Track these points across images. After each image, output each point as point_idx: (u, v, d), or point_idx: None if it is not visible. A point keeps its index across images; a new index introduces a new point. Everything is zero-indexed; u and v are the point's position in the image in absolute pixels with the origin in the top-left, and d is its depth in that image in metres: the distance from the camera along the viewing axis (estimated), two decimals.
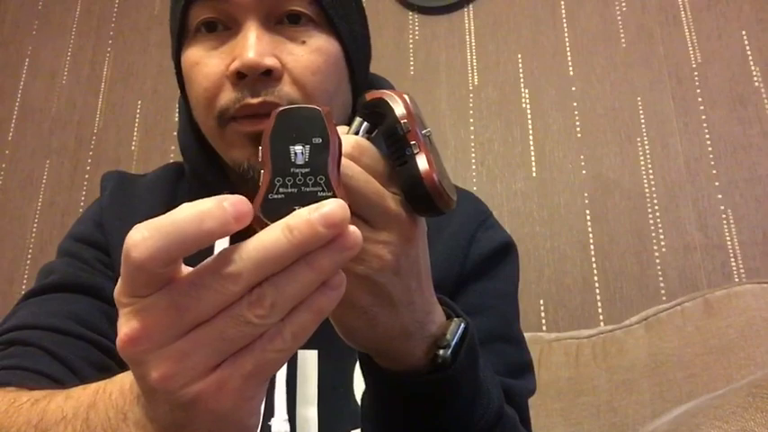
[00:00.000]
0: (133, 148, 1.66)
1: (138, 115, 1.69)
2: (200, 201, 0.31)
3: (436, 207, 0.39)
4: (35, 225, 1.65)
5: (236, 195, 0.31)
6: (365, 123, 0.42)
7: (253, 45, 0.57)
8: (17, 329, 0.60)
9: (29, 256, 1.62)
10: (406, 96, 0.41)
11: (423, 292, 0.43)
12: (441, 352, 0.44)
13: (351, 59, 0.65)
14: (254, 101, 0.58)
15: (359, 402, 0.58)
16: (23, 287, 1.59)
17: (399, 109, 0.40)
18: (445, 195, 0.39)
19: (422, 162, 0.39)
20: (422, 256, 0.43)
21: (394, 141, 0.40)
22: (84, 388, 0.43)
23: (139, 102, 1.70)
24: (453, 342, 0.44)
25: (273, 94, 0.58)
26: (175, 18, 0.63)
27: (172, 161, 0.81)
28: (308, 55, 0.60)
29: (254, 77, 0.57)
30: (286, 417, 0.56)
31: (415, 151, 0.39)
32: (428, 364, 0.44)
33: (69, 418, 0.41)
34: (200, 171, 0.68)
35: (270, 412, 0.56)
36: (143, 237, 0.30)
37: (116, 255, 0.66)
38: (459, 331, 0.45)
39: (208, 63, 0.60)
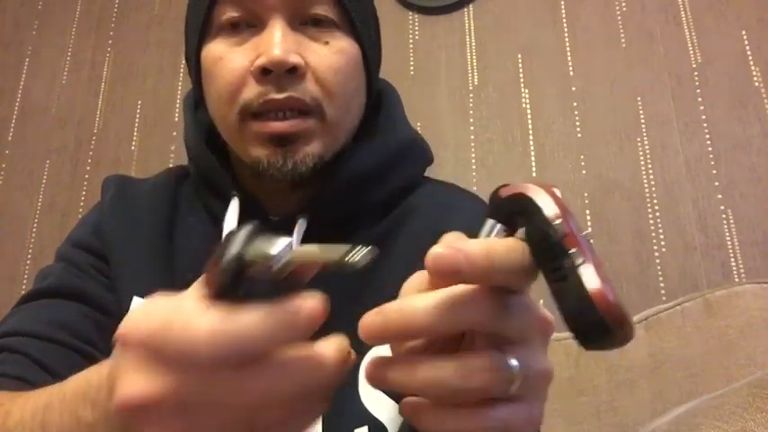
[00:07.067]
0: (133, 148, 1.66)
1: (138, 115, 1.69)
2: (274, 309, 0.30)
3: (612, 338, 0.29)
4: (35, 225, 1.65)
5: (314, 298, 0.30)
6: (498, 226, 0.33)
7: (279, 42, 0.58)
8: (6, 336, 0.60)
9: (29, 256, 1.62)
10: (555, 190, 0.32)
11: None
12: None
13: (368, 63, 0.66)
14: (280, 96, 0.58)
15: (363, 401, 0.58)
16: (23, 287, 1.59)
17: (550, 206, 0.31)
18: (625, 322, 0.29)
19: (589, 276, 0.29)
20: None
21: (545, 249, 0.30)
22: (42, 390, 0.43)
23: (139, 102, 1.70)
24: None
25: (298, 91, 0.59)
26: (198, 13, 0.64)
27: (173, 164, 0.81)
28: (331, 55, 0.61)
29: (279, 74, 0.58)
30: None
31: (578, 262, 0.29)
32: None
33: (27, 419, 0.41)
34: (207, 172, 0.68)
35: None
36: (213, 340, 0.29)
37: (114, 261, 0.66)
38: None
39: (232, 58, 0.61)
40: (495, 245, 0.31)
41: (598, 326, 0.28)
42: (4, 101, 1.79)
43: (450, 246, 0.30)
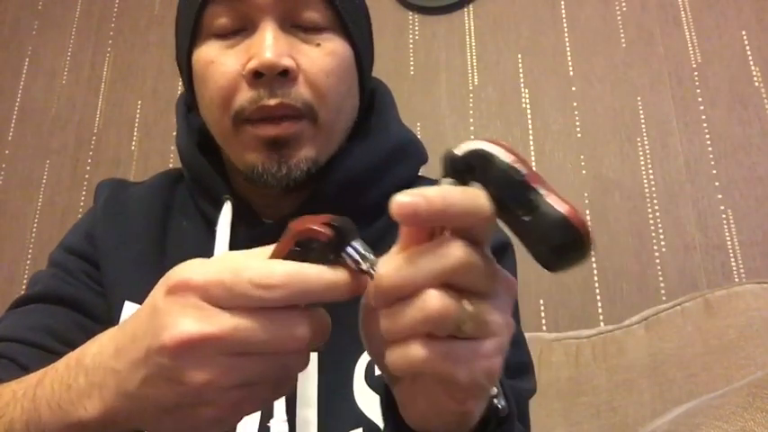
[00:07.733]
0: (133, 148, 1.66)
1: (138, 115, 1.69)
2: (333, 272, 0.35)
3: (584, 250, 0.33)
4: (35, 225, 1.65)
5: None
6: (453, 182, 0.36)
7: (270, 45, 0.57)
8: None
9: (29, 256, 1.62)
10: (502, 142, 0.35)
11: None
12: (495, 401, 0.40)
13: (361, 63, 0.66)
14: (272, 102, 0.58)
15: (358, 403, 0.58)
16: (23, 287, 1.59)
17: (507, 153, 0.34)
18: (590, 235, 0.33)
19: (559, 202, 0.33)
20: None
21: (511, 188, 0.34)
22: (36, 372, 0.45)
23: (139, 102, 1.70)
24: (500, 387, 0.41)
25: (290, 96, 0.58)
26: (189, 16, 0.63)
27: (173, 164, 0.81)
28: (323, 57, 0.61)
29: (271, 77, 0.58)
30: (285, 417, 0.56)
31: (542, 192, 0.33)
32: (479, 414, 0.40)
33: (19, 397, 0.43)
34: (200, 176, 0.67)
35: (269, 413, 0.56)
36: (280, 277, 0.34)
37: (105, 266, 0.66)
38: None
39: (224, 62, 0.60)
40: (451, 189, 0.34)
41: (575, 240, 0.33)
42: (4, 101, 1.79)
43: (410, 192, 0.33)
